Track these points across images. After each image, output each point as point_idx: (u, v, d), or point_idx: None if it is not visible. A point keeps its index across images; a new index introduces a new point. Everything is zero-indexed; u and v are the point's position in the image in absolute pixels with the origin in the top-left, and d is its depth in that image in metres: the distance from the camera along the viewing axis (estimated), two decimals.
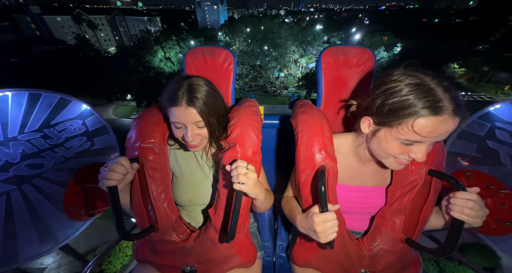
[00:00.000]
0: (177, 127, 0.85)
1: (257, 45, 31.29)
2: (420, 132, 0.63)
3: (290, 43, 32.51)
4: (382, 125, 0.72)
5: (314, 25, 41.64)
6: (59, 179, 1.35)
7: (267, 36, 30.82)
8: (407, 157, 0.71)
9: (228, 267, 0.96)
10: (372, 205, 0.93)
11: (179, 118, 0.81)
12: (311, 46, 35.86)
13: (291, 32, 32.99)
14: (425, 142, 0.66)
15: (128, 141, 0.97)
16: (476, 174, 1.12)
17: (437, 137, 0.64)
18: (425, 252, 0.80)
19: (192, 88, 0.81)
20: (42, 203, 1.30)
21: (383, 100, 0.69)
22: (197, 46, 1.18)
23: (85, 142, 1.46)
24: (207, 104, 0.82)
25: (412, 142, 0.67)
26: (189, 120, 0.82)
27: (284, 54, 31.61)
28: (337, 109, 1.14)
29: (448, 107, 0.60)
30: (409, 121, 0.64)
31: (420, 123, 0.63)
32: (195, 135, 0.85)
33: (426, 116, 0.61)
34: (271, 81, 34.15)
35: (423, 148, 0.67)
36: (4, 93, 1.26)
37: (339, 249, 0.88)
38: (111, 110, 27.29)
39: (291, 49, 33.05)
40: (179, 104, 0.79)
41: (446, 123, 0.61)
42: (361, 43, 35.82)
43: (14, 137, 1.27)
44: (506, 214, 0.98)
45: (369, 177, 0.92)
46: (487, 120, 1.24)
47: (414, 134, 0.64)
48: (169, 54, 31.81)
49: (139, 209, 0.92)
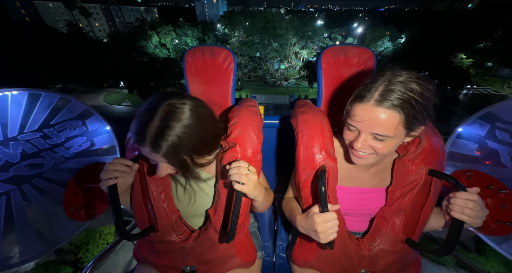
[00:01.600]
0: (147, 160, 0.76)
1: (257, 35, 30.17)
2: (352, 117, 0.71)
3: (291, 36, 31.63)
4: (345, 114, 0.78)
5: (315, 21, 40.90)
6: (59, 179, 1.35)
7: (267, 25, 29.47)
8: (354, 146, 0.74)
9: (228, 267, 0.96)
10: (371, 207, 0.93)
11: (147, 155, 0.71)
12: (312, 41, 35.19)
13: (292, 25, 31.93)
14: (362, 131, 0.70)
15: (128, 141, 0.97)
16: (476, 174, 1.12)
17: (365, 123, 0.68)
18: (425, 252, 0.80)
19: (163, 127, 0.65)
20: (42, 203, 1.30)
21: (356, 90, 0.74)
22: (197, 45, 1.18)
23: (85, 142, 1.46)
24: (178, 145, 0.67)
25: (353, 129, 0.73)
26: (158, 160, 0.72)
27: (285, 45, 30.73)
28: (337, 109, 1.14)
29: (370, 96, 0.66)
30: (350, 106, 0.73)
31: (353, 108, 0.71)
32: (168, 169, 0.76)
33: (355, 102, 0.70)
34: (271, 73, 33.54)
35: (361, 138, 0.71)
36: (4, 93, 1.26)
37: (339, 249, 0.88)
38: (101, 97, 26.72)
39: (291, 42, 32.22)
40: (144, 146, 0.67)
41: (368, 111, 0.67)
42: (364, 36, 35.06)
43: (14, 137, 1.26)
44: (506, 214, 0.98)
45: (368, 178, 0.92)
46: (488, 120, 1.23)
47: (350, 119, 0.72)
48: (164, 40, 30.14)
49: (139, 209, 0.92)
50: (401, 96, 0.63)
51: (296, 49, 33.98)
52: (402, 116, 0.64)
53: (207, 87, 1.18)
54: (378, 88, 0.66)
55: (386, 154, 0.73)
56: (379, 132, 0.67)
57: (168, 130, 0.65)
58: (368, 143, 0.71)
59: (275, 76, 33.47)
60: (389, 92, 0.64)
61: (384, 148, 0.70)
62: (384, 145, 0.70)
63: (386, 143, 0.69)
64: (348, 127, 0.75)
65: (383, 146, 0.70)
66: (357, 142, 0.72)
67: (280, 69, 34.23)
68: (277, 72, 33.99)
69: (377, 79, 0.67)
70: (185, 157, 0.73)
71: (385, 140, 0.69)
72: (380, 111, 0.65)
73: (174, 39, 30.90)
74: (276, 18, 30.76)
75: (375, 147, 0.71)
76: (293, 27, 31.76)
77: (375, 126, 0.67)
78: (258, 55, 32.04)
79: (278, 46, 30.57)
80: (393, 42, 32.27)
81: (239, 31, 32.76)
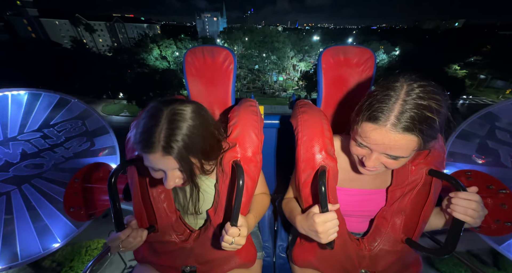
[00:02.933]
0: (154, 170, 0.72)
1: (255, 48, 31.02)
2: (365, 138, 0.67)
3: (289, 49, 32.51)
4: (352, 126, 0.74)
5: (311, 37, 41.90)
6: (59, 179, 1.35)
7: (265, 39, 30.52)
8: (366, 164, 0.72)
9: (228, 268, 0.96)
10: (372, 208, 0.93)
11: (155, 164, 0.68)
12: (309, 55, 36.02)
13: (289, 39, 32.96)
14: (374, 151, 0.67)
15: (128, 141, 0.97)
16: (476, 174, 1.12)
17: (376, 145, 0.65)
18: (425, 253, 0.79)
19: (172, 128, 0.65)
20: (42, 203, 1.30)
21: (363, 102, 0.70)
22: (197, 45, 1.18)
23: (84, 142, 1.46)
24: (189, 145, 0.67)
25: (362, 146, 0.70)
26: (168, 168, 0.69)
27: (282, 58, 31.53)
28: (337, 109, 1.14)
29: (385, 118, 0.61)
30: (359, 123, 0.68)
31: (363, 127, 0.67)
32: (176, 178, 0.73)
33: (367, 121, 0.65)
34: (270, 84, 34.07)
35: (373, 157, 0.68)
36: (4, 93, 1.26)
37: (339, 250, 0.88)
38: (100, 107, 26.88)
39: (289, 55, 33.00)
40: (154, 151, 0.65)
41: (384, 135, 0.62)
42: None
43: (14, 137, 1.26)
44: (506, 214, 0.98)
45: (369, 180, 0.92)
46: (488, 120, 1.23)
47: (360, 136, 0.69)
48: (165, 52, 30.84)
49: (138, 209, 0.92)
50: (418, 117, 0.58)
51: (294, 62, 34.68)
52: (420, 139, 0.61)
53: (207, 87, 1.17)
54: (392, 109, 0.60)
55: (397, 168, 0.72)
56: (395, 154, 0.64)
57: (178, 130, 0.65)
58: (380, 161, 0.69)
59: (274, 87, 34.08)
60: (405, 114, 0.59)
61: (396, 164, 0.69)
62: (396, 162, 0.68)
63: (399, 161, 0.68)
64: (357, 144, 0.71)
65: (395, 163, 0.68)
66: (369, 161, 0.69)
67: (278, 80, 34.84)
68: (275, 83, 34.63)
69: (390, 96, 0.62)
70: (195, 160, 0.71)
71: (398, 159, 0.67)
72: (397, 136, 0.60)
73: (174, 51, 31.30)
74: (274, 33, 31.49)
75: (387, 164, 0.69)
76: (291, 42, 32.58)
77: (390, 150, 0.64)
78: (256, 67, 32.64)
79: (276, 59, 31.23)
80: (388, 54, 32.91)
81: (238, 46, 33.30)
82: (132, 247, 0.78)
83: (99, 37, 53.87)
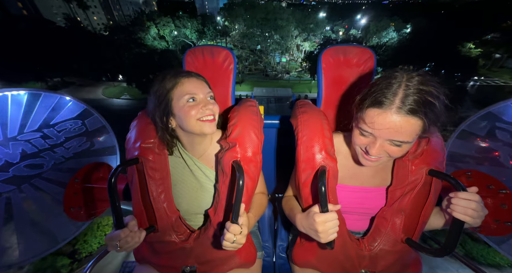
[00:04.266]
0: (191, 100, 0.83)
1: (258, 27, 29.06)
2: (367, 121, 0.68)
3: (293, 28, 30.50)
4: (356, 115, 0.76)
5: (317, 13, 39.59)
6: (58, 179, 1.34)
7: (268, 16, 28.34)
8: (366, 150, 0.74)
9: (228, 267, 0.96)
10: (371, 206, 0.93)
11: (192, 89, 0.83)
12: (314, 33, 34.12)
13: (294, 16, 30.71)
14: (378, 138, 0.69)
15: (128, 141, 0.97)
16: (476, 174, 1.12)
17: (381, 131, 0.66)
18: (425, 253, 0.79)
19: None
20: (42, 203, 1.30)
21: (365, 91, 0.73)
22: (197, 45, 1.18)
23: (84, 142, 1.46)
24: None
25: (366, 133, 0.71)
26: (204, 91, 0.85)
27: (286, 37, 29.79)
28: (337, 109, 1.14)
29: (390, 102, 0.63)
30: (364, 110, 0.70)
31: (368, 113, 0.68)
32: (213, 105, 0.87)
33: (371, 107, 0.67)
34: (273, 66, 32.85)
35: (377, 144, 0.70)
36: (4, 93, 1.26)
37: (339, 250, 0.88)
38: (100, 90, 26.26)
39: (293, 34, 31.17)
40: (190, 76, 0.84)
41: (385, 117, 0.64)
42: (367, 28, 33.75)
43: (14, 137, 1.26)
44: (506, 214, 0.98)
45: (368, 177, 0.92)
46: (488, 120, 1.23)
47: (364, 124, 0.70)
48: (163, 32, 29.21)
49: (139, 209, 0.92)
50: (422, 101, 0.61)
51: (298, 42, 33.04)
52: (424, 121, 0.63)
53: None
54: (396, 93, 0.63)
55: (399, 157, 0.73)
56: (400, 139, 0.66)
57: None
58: (384, 149, 0.70)
59: (276, 69, 32.79)
60: (409, 97, 0.61)
61: (399, 152, 0.70)
62: (400, 149, 0.69)
63: (403, 148, 0.69)
64: (361, 133, 0.73)
65: (399, 151, 0.70)
66: (373, 149, 0.70)
67: (281, 62, 33.51)
68: (278, 65, 33.30)
69: (392, 83, 0.65)
70: None
71: (402, 146, 0.68)
72: (402, 118, 0.63)
73: (173, 30, 29.84)
74: (277, 10, 29.71)
75: (390, 152, 0.70)
76: (295, 19, 30.68)
77: (396, 134, 0.65)
78: (259, 48, 31.33)
79: (280, 38, 29.66)
80: (399, 32, 30.78)
81: (239, 24, 31.75)
82: (129, 247, 0.78)
83: (93, 14, 51.50)
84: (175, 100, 0.82)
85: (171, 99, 0.82)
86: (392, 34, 30.80)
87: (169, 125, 0.87)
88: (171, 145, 0.94)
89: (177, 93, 0.81)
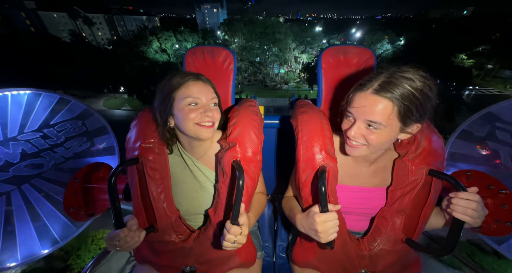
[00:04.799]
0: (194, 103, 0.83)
1: (256, 40, 29.97)
2: (351, 103, 0.75)
3: (290, 41, 31.59)
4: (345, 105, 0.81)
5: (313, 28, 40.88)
6: (59, 179, 1.35)
7: (266, 30, 29.49)
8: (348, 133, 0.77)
9: (228, 267, 0.96)
10: (371, 206, 0.93)
11: (196, 93, 0.83)
12: (311, 46, 35.19)
13: (291, 30, 32.04)
14: (357, 119, 0.74)
15: (128, 141, 0.97)
16: (476, 174, 1.12)
17: (358, 109, 0.72)
18: (425, 253, 0.79)
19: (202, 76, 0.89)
20: (42, 203, 1.30)
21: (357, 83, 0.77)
22: (197, 46, 1.18)
23: (84, 142, 1.46)
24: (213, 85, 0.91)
25: (350, 116, 0.76)
26: (208, 96, 0.85)
27: (284, 49, 30.69)
28: (337, 109, 1.14)
29: (370, 85, 0.70)
30: (350, 95, 0.77)
31: (353, 96, 0.75)
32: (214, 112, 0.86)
33: (356, 91, 0.74)
34: (271, 77, 33.44)
35: (355, 125, 0.75)
36: (4, 93, 1.26)
37: (339, 250, 0.88)
38: (101, 102, 26.82)
39: (291, 47, 32.16)
40: (198, 79, 0.86)
41: (365, 98, 0.71)
42: (362, 41, 34.85)
43: (14, 137, 1.26)
44: (506, 214, 0.98)
45: (368, 177, 0.92)
46: (488, 120, 1.23)
47: (349, 106, 0.76)
48: (164, 45, 30.27)
49: (138, 209, 0.92)
50: (398, 88, 0.66)
51: (296, 54, 33.95)
52: (396, 107, 0.67)
53: None
54: (378, 79, 0.70)
55: (378, 146, 0.75)
56: (373, 119, 0.69)
57: None
58: (361, 132, 0.74)
59: (275, 80, 33.50)
60: (388, 84, 0.67)
61: (377, 139, 0.72)
62: (376, 135, 0.72)
63: (379, 133, 0.71)
64: (346, 116, 0.79)
65: (375, 137, 0.72)
66: (351, 129, 0.75)
67: (280, 73, 34.18)
68: (277, 76, 33.98)
69: (381, 72, 0.71)
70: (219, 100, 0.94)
71: (378, 129, 0.71)
72: (375, 98, 0.68)
73: (174, 44, 30.72)
74: (275, 24, 30.87)
75: (367, 137, 0.73)
76: (292, 33, 31.76)
77: (369, 113, 0.70)
78: (258, 60, 31.95)
79: (278, 50, 30.52)
80: (393, 45, 32.19)
81: (238, 38, 32.52)
82: (128, 247, 0.78)
83: (98, 30, 53.35)
84: (177, 100, 0.82)
85: (174, 98, 0.83)
86: (387, 46, 32.04)
87: (167, 124, 0.87)
88: (171, 144, 0.95)
89: (180, 94, 0.82)
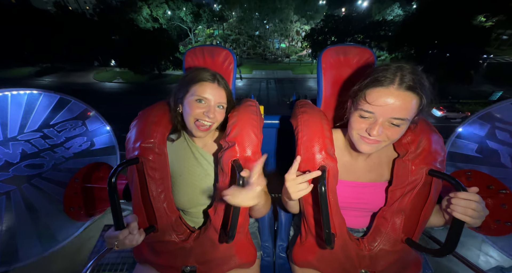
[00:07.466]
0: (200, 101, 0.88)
1: (255, 10, 27.81)
2: (369, 100, 0.72)
3: (292, 12, 29.11)
4: (353, 103, 0.80)
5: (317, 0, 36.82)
6: (58, 179, 1.35)
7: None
8: (366, 133, 0.76)
9: (228, 267, 0.96)
10: (368, 201, 0.93)
11: (207, 94, 0.87)
12: (313, 21, 31.78)
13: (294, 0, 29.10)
14: (379, 117, 0.71)
15: (128, 141, 0.97)
16: (476, 174, 1.12)
17: (382, 108, 0.70)
18: (425, 253, 0.79)
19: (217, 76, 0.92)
20: (42, 203, 1.30)
21: (362, 79, 0.77)
22: (197, 46, 1.18)
23: (85, 142, 1.46)
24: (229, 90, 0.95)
25: (367, 114, 0.73)
26: (216, 99, 0.89)
27: (285, 20, 28.69)
28: (337, 109, 1.14)
29: (391, 80, 0.69)
30: (363, 92, 0.74)
31: (369, 93, 0.73)
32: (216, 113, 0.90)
33: (373, 87, 0.72)
34: (271, 50, 32.02)
35: (378, 123, 0.72)
36: (4, 93, 1.26)
37: (339, 249, 0.88)
38: (91, 75, 25.66)
39: (292, 19, 29.87)
40: (213, 81, 0.89)
41: (387, 94, 0.69)
42: (370, 10, 31.24)
43: (14, 137, 1.26)
44: (506, 214, 0.98)
45: (364, 172, 0.92)
46: (488, 120, 1.23)
47: (366, 103, 0.73)
48: (156, 13, 27.46)
49: (138, 209, 0.92)
50: (417, 80, 0.68)
51: (297, 27, 31.89)
52: (421, 97, 0.69)
53: None
54: (395, 72, 0.69)
55: (395, 140, 0.76)
56: (400, 116, 0.69)
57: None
58: (384, 129, 0.73)
59: (276, 53, 31.87)
60: (407, 76, 0.68)
61: (397, 135, 0.73)
62: (398, 131, 0.73)
63: (401, 128, 0.72)
64: (360, 115, 0.76)
65: (396, 132, 0.73)
66: (373, 129, 0.72)
67: (280, 47, 32.41)
68: (278, 50, 32.33)
69: (387, 69, 0.71)
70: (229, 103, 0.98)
71: (400, 126, 0.71)
72: (406, 94, 0.68)
73: (166, 10, 27.91)
74: None
75: (389, 134, 0.73)
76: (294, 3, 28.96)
77: (397, 110, 0.69)
78: (257, 33, 30.38)
79: (279, 21, 28.60)
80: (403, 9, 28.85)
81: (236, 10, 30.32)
82: (126, 247, 0.79)
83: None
84: (190, 93, 0.89)
85: (188, 91, 0.90)
86: (397, 11, 29.13)
87: (177, 109, 0.95)
88: (180, 127, 1.00)
89: (194, 89, 0.88)
